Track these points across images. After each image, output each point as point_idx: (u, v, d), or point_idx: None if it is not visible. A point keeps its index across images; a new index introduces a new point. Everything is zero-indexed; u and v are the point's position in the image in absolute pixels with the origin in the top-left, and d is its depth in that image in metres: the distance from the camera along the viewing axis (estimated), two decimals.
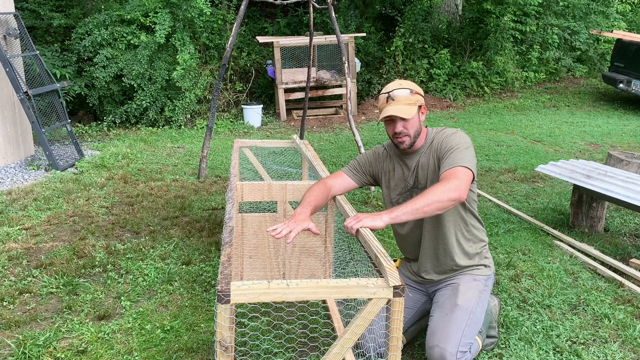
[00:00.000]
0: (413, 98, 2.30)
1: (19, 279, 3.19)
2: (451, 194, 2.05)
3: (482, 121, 8.26)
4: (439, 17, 10.47)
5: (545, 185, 5.19)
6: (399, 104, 2.28)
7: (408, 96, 2.29)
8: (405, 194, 2.45)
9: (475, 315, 2.28)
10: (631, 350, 2.59)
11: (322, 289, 1.59)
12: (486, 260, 2.49)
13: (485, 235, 2.53)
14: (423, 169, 2.39)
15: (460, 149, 2.23)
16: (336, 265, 3.32)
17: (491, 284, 2.48)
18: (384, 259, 1.71)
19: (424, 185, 2.39)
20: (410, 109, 2.29)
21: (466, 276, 2.42)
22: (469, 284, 2.38)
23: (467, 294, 2.33)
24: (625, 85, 8.79)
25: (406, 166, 2.45)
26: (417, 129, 2.35)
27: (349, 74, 5.08)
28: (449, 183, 2.08)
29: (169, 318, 2.81)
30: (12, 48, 5.59)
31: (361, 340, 2.36)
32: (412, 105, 2.30)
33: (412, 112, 2.29)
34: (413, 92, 2.31)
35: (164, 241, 3.77)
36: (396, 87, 2.32)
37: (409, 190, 2.44)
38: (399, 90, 2.30)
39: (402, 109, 2.27)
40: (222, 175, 5.39)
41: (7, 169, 5.46)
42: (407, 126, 2.31)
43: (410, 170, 2.43)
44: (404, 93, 2.30)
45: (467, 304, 2.29)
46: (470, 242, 2.45)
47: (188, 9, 7.45)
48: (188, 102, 7.71)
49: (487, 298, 2.42)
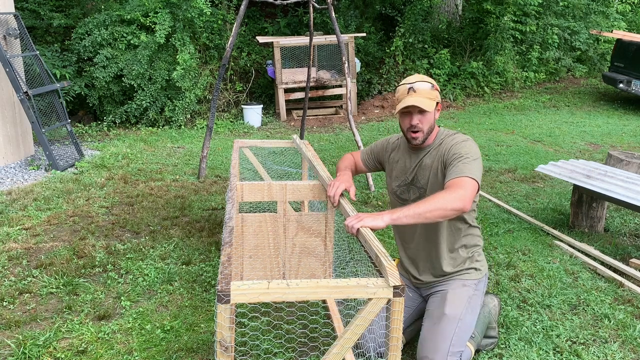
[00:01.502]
0: (433, 93, 2.29)
1: (19, 279, 3.19)
2: (455, 203, 2.03)
3: (482, 121, 8.26)
4: (439, 17, 10.47)
5: (545, 185, 5.19)
6: (420, 96, 2.26)
7: (429, 90, 2.28)
8: (403, 187, 2.47)
9: (463, 322, 2.26)
10: (631, 350, 2.59)
11: (322, 289, 1.59)
12: (477, 264, 2.45)
13: (480, 240, 2.51)
14: (424, 169, 2.38)
15: (469, 158, 2.20)
16: (336, 265, 3.32)
17: (483, 287, 2.46)
18: (385, 259, 1.71)
19: (421, 185, 2.39)
20: (430, 102, 2.27)
21: (455, 282, 2.40)
22: (457, 291, 2.36)
23: (454, 302, 2.31)
24: (625, 85, 8.79)
25: (410, 160, 2.45)
26: (431, 125, 2.33)
27: (349, 74, 5.08)
28: (455, 192, 2.07)
29: (169, 318, 2.81)
30: (12, 48, 5.59)
31: (361, 340, 2.36)
32: (432, 100, 2.28)
33: (432, 106, 2.27)
34: (434, 87, 2.30)
35: (164, 241, 3.77)
36: (418, 79, 2.30)
37: (407, 184, 2.45)
38: (421, 83, 2.28)
39: (423, 101, 2.25)
40: (222, 175, 5.39)
41: (7, 169, 5.46)
42: (423, 120, 2.29)
43: (412, 166, 2.43)
44: (425, 86, 2.28)
45: (455, 312, 2.27)
46: (463, 249, 2.42)
47: (188, 9, 7.45)
48: (188, 102, 7.72)
49: (479, 301, 2.40)
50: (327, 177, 2.71)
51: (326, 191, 2.48)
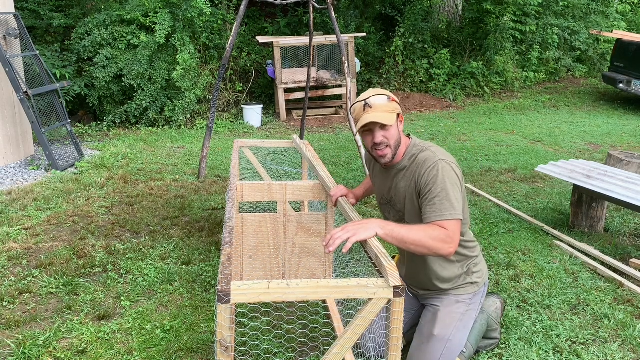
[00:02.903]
0: (391, 105, 2.16)
1: (19, 279, 3.19)
2: (442, 250, 1.95)
3: (482, 121, 8.26)
4: (439, 17, 10.47)
5: (545, 185, 5.19)
6: (377, 111, 2.12)
7: (386, 103, 2.15)
8: (384, 205, 2.42)
9: (452, 343, 2.23)
10: (631, 350, 2.59)
11: (322, 289, 1.59)
12: (474, 276, 2.37)
13: (475, 250, 2.41)
14: (399, 192, 2.27)
15: (447, 191, 2.05)
16: (336, 265, 3.32)
17: (480, 298, 2.40)
18: (385, 259, 1.71)
19: (399, 209, 2.31)
20: (390, 116, 2.14)
21: (449, 298, 2.33)
22: (449, 309, 2.30)
23: (445, 321, 2.26)
24: (625, 85, 8.79)
25: (387, 179, 2.35)
26: (397, 139, 2.20)
27: (349, 74, 5.08)
28: (443, 239, 1.95)
29: (169, 318, 2.81)
30: (12, 48, 5.59)
31: (361, 340, 2.35)
32: (391, 112, 2.15)
33: (392, 119, 2.15)
34: (390, 99, 2.17)
35: (164, 241, 3.77)
36: (372, 94, 2.17)
37: (387, 202, 2.39)
38: (376, 97, 2.15)
39: (381, 116, 2.12)
40: (222, 175, 5.39)
41: (7, 169, 5.46)
42: (388, 136, 2.16)
43: (388, 186, 2.34)
44: (381, 100, 2.15)
45: (444, 332, 2.23)
46: (456, 265, 2.33)
47: (188, 9, 7.45)
48: (188, 102, 7.71)
49: (474, 315, 2.35)
50: (326, 177, 2.71)
51: (327, 191, 2.47)
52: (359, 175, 5.35)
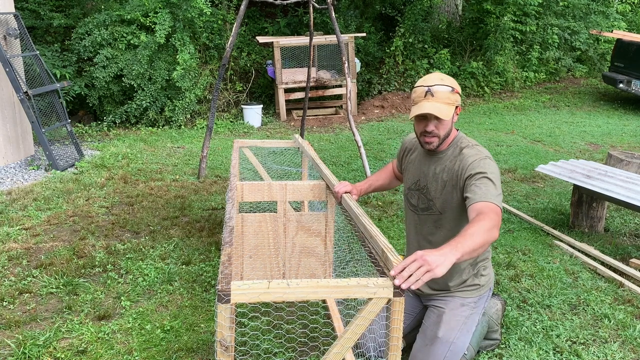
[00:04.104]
0: (453, 97, 2.10)
1: (19, 279, 3.19)
2: (495, 237, 1.86)
3: (482, 121, 8.25)
4: (439, 17, 10.47)
5: (545, 185, 5.19)
6: (438, 101, 2.07)
7: (449, 94, 2.09)
8: (414, 191, 2.37)
9: (456, 345, 2.22)
10: (631, 350, 2.59)
11: (322, 288, 1.58)
12: (482, 279, 2.37)
13: (487, 254, 2.41)
14: (436, 180, 2.25)
15: (493, 181, 2.03)
16: (336, 265, 3.32)
17: (484, 302, 2.39)
18: (391, 254, 1.70)
19: (431, 197, 2.28)
20: (449, 109, 2.09)
21: (454, 300, 2.33)
22: (454, 312, 2.29)
23: (450, 324, 2.25)
24: (625, 85, 8.79)
25: (423, 164, 2.33)
26: (448, 130, 2.18)
27: (349, 74, 5.08)
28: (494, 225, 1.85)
29: (169, 318, 2.81)
30: (12, 48, 5.59)
31: (361, 340, 2.35)
32: (450, 105, 2.10)
33: (450, 113, 2.09)
34: (454, 91, 2.11)
35: (164, 241, 3.77)
36: (437, 82, 2.10)
37: (418, 189, 2.35)
38: (441, 86, 2.09)
39: (440, 108, 2.06)
40: (222, 175, 5.38)
41: (7, 169, 5.46)
42: (440, 127, 2.14)
43: (425, 172, 2.32)
44: (445, 90, 2.08)
45: (449, 335, 2.22)
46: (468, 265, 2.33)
47: (188, 9, 7.45)
48: (188, 102, 7.72)
49: (477, 319, 2.35)
50: (329, 175, 2.70)
51: (330, 189, 2.46)
52: (358, 175, 5.35)
